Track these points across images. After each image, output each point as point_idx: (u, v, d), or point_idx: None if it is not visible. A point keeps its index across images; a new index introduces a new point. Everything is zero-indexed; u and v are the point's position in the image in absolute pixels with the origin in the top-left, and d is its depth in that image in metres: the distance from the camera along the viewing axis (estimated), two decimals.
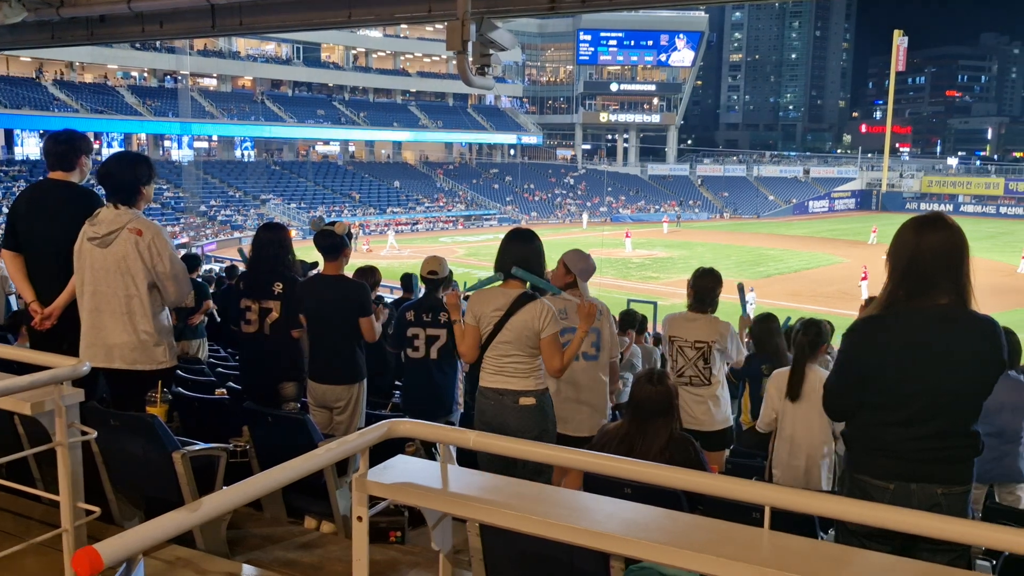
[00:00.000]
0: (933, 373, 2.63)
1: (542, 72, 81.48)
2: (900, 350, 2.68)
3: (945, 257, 2.65)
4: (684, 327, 5.23)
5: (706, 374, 5.18)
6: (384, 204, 57.71)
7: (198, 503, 1.85)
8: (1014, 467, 5.36)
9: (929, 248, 2.66)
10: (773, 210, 69.91)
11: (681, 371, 5.23)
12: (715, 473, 4.00)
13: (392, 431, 2.48)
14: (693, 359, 5.18)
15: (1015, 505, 5.39)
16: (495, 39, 8.97)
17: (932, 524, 1.80)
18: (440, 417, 5.54)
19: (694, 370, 5.18)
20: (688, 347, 5.19)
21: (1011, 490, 5.50)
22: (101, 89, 52.87)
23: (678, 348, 5.23)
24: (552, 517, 2.14)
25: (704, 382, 5.19)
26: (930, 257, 2.65)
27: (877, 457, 2.72)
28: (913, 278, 2.67)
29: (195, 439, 4.14)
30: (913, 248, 2.69)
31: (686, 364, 5.20)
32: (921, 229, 2.71)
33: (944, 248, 2.66)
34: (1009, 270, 36.76)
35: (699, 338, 5.16)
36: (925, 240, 2.68)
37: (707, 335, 5.16)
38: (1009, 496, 5.52)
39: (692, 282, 5.33)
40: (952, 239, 2.67)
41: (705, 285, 5.27)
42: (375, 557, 4.14)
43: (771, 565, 1.82)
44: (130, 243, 4.15)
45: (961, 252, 2.67)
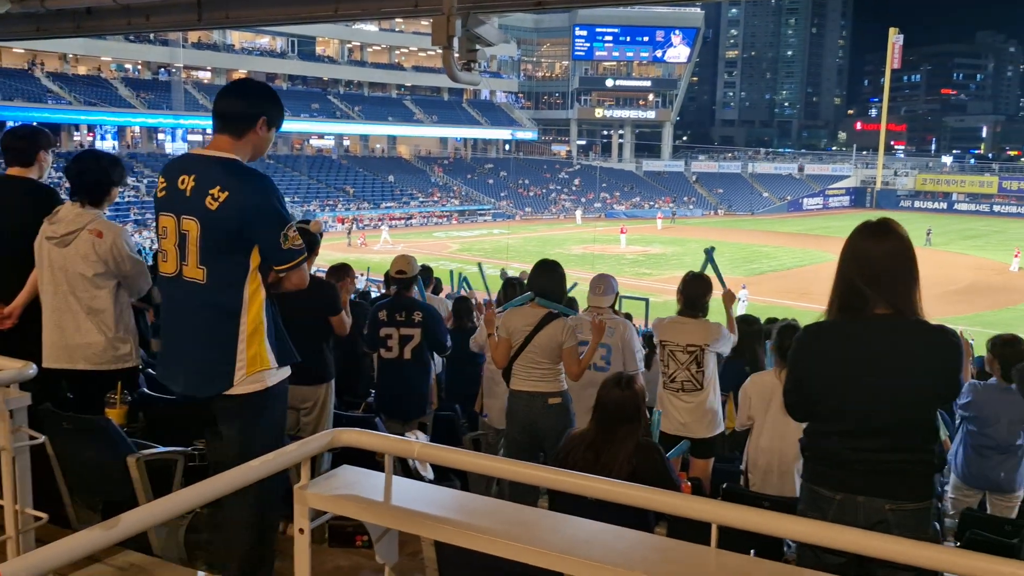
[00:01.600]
0: (869, 385, 2.56)
1: (537, 67, 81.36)
2: (835, 361, 2.63)
3: (882, 266, 2.57)
4: (675, 331, 5.17)
5: (699, 378, 5.10)
6: (378, 198, 57.57)
7: (116, 520, 1.78)
8: (1008, 478, 5.30)
9: (861, 257, 2.60)
10: (768, 207, 69.93)
11: (673, 376, 5.15)
12: (684, 479, 3.94)
13: (336, 440, 2.41)
14: (685, 363, 5.11)
15: (1007, 514, 5.32)
16: (481, 35, 8.88)
17: (864, 542, 1.73)
18: (413, 417, 5.48)
19: (686, 375, 5.11)
20: (680, 351, 5.12)
21: (1005, 500, 5.44)
22: (94, 81, 52.60)
23: (669, 352, 5.16)
24: (495, 533, 2.08)
25: (696, 387, 5.11)
26: (861, 266, 2.58)
27: (825, 467, 2.66)
28: (850, 287, 2.61)
29: (162, 441, 4.07)
30: (847, 257, 2.63)
31: (678, 368, 5.13)
32: (859, 237, 2.64)
33: (878, 257, 2.58)
34: (1001, 268, 36.83)
35: (691, 342, 5.10)
36: (857, 248, 2.62)
37: (699, 339, 5.09)
38: (1002, 504, 5.46)
39: (682, 287, 5.25)
40: (889, 247, 2.59)
41: (696, 291, 5.20)
42: (339, 563, 4.10)
43: None
44: (89, 244, 4.07)
45: (898, 260, 2.58)
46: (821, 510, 2.61)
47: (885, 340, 2.56)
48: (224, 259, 2.99)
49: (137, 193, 46.08)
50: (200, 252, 2.96)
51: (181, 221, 2.99)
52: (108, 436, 3.50)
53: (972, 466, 5.29)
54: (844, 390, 2.60)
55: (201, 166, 3.01)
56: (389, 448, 2.36)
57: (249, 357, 3.03)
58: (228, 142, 3.07)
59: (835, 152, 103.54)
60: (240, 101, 3.14)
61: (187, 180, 2.98)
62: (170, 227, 3.04)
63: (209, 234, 2.95)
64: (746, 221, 62.43)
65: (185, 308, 3.08)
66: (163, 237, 3.08)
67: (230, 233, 2.95)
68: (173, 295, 3.13)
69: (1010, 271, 36.19)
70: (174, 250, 3.03)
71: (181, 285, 3.04)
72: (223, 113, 3.10)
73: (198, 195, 2.94)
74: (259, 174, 3.07)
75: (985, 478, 5.32)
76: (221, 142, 3.08)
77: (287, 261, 3.05)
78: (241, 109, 3.10)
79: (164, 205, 3.07)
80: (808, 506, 2.68)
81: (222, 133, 3.09)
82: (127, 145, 54.53)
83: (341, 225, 48.65)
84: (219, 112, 3.10)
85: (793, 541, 3.05)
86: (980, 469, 5.25)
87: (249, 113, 3.10)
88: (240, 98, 3.15)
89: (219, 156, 3.03)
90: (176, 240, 3.02)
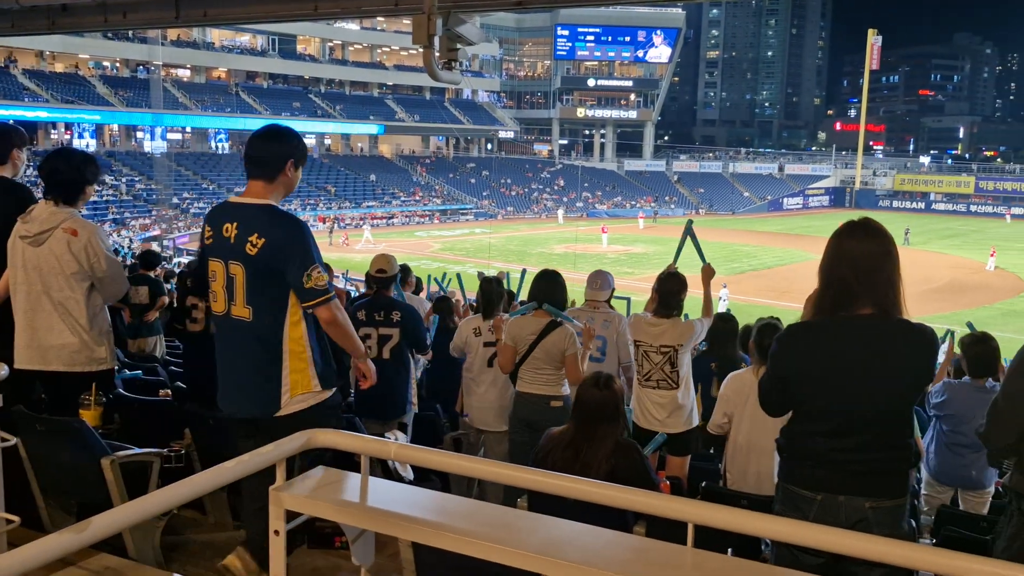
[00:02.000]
0: (854, 384, 2.57)
1: (519, 67, 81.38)
2: (819, 360, 2.63)
3: (866, 266, 2.58)
4: (649, 331, 5.15)
5: (673, 377, 5.11)
6: (360, 198, 57.37)
7: (86, 523, 1.75)
8: (980, 475, 5.36)
9: (847, 256, 2.60)
10: (748, 206, 70.33)
11: (648, 375, 5.16)
12: (662, 478, 3.95)
13: (312, 441, 2.39)
14: (659, 363, 5.11)
15: (979, 510, 5.38)
16: (462, 33, 8.86)
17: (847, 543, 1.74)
18: (393, 418, 5.44)
19: (661, 374, 5.12)
20: (654, 352, 5.12)
21: (977, 496, 5.50)
22: (72, 79, 52.04)
23: (643, 352, 5.16)
24: (471, 534, 2.07)
25: (671, 386, 5.12)
26: (848, 266, 2.59)
27: (805, 467, 2.66)
28: (835, 287, 2.61)
29: (137, 442, 4.02)
30: (833, 256, 2.63)
31: (652, 368, 5.13)
32: (841, 237, 2.65)
33: (863, 256, 2.58)
34: (978, 267, 37.23)
35: (665, 342, 5.09)
36: (843, 248, 2.62)
37: (673, 339, 5.09)
38: (974, 499, 5.52)
39: (657, 285, 5.24)
40: (873, 247, 2.60)
41: (670, 288, 5.18)
42: (317, 564, 4.07)
43: None
44: (63, 243, 4.03)
45: (883, 260, 2.59)
46: (800, 510, 2.62)
47: (871, 340, 2.57)
48: (266, 297, 3.33)
49: (116, 192, 45.62)
50: (246, 292, 3.32)
51: (228, 266, 3.34)
52: (82, 438, 3.46)
53: (945, 464, 5.34)
54: (830, 389, 2.61)
55: (241, 214, 3.35)
56: (365, 449, 2.34)
57: (292, 382, 3.38)
58: (262, 187, 3.40)
59: (815, 152, 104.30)
60: (268, 147, 3.42)
61: (230, 228, 3.32)
62: (219, 271, 3.37)
63: (252, 276, 3.30)
64: (727, 220, 62.74)
65: (236, 343, 3.42)
66: (213, 280, 3.40)
67: (269, 274, 3.30)
68: (224, 331, 3.47)
69: (986, 270, 36.59)
70: (223, 292, 3.38)
71: (231, 323, 3.39)
72: (255, 160, 3.40)
73: (240, 242, 3.28)
74: (291, 219, 3.43)
75: (957, 475, 5.38)
76: (256, 188, 3.40)
77: (310, 299, 3.31)
78: (270, 155, 3.40)
79: (212, 251, 3.39)
80: (785, 507, 2.68)
81: (256, 179, 3.40)
82: (105, 143, 53.99)
83: (323, 224, 48.44)
84: (251, 159, 3.40)
85: (770, 541, 3.07)
86: (953, 467, 5.31)
87: (278, 158, 3.40)
88: (268, 144, 3.43)
89: (256, 203, 3.38)
90: (224, 283, 3.36)
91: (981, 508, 5.41)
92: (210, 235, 3.40)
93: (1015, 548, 2.65)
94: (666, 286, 5.20)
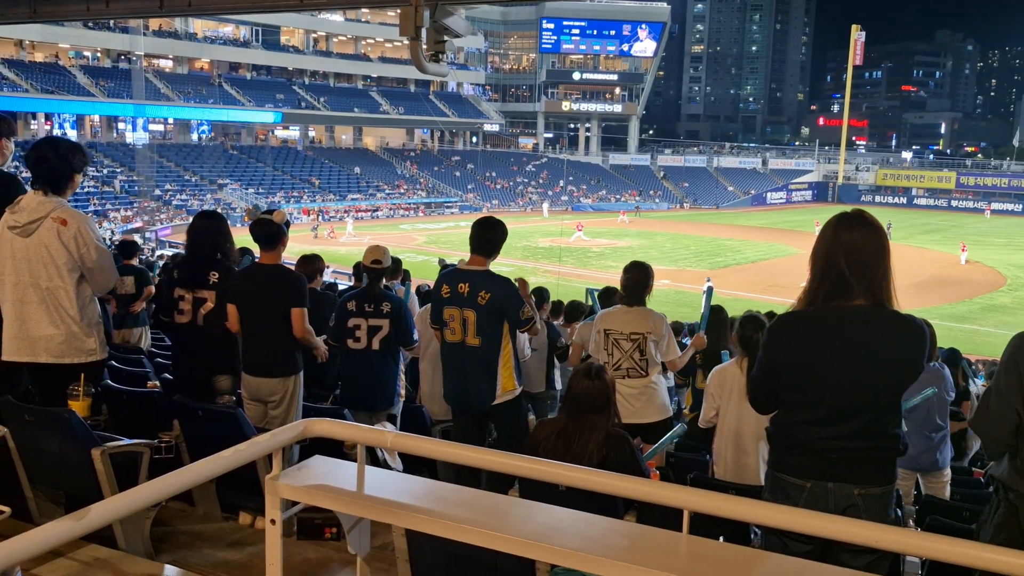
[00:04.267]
0: (846, 373, 2.60)
1: (505, 60, 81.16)
2: (813, 350, 2.66)
3: (861, 257, 2.61)
4: (618, 319, 5.27)
5: (642, 366, 5.22)
6: (344, 190, 57.11)
7: (85, 511, 1.75)
8: (939, 458, 5.51)
9: (844, 248, 2.62)
10: (732, 201, 70.59)
11: (618, 364, 5.24)
12: (652, 468, 3.97)
13: (308, 431, 2.40)
14: (629, 351, 5.22)
15: (940, 493, 5.51)
16: (449, 25, 8.84)
17: (839, 528, 1.76)
18: (381, 409, 5.44)
19: (630, 362, 5.22)
20: (624, 339, 5.23)
21: (936, 478, 5.63)
22: (52, 69, 51.44)
23: (614, 341, 5.26)
24: (467, 522, 2.08)
25: (641, 373, 5.23)
26: (844, 257, 2.61)
27: (795, 455, 2.69)
28: (829, 278, 2.64)
29: (125, 433, 4.00)
30: (829, 247, 2.66)
31: (622, 356, 5.24)
32: (838, 228, 2.67)
33: (859, 248, 2.61)
34: (953, 261, 37.59)
35: (634, 330, 5.21)
36: (841, 239, 2.64)
37: (641, 326, 5.20)
38: (935, 484, 5.64)
39: (623, 277, 5.37)
40: (869, 239, 2.62)
41: (636, 279, 5.31)
42: (308, 555, 4.07)
43: (682, 572, 1.77)
44: (53, 233, 3.99)
45: (877, 252, 2.62)
46: (790, 498, 2.65)
47: (864, 330, 2.60)
48: (490, 331, 4.77)
49: (97, 184, 45.19)
50: (476, 328, 4.75)
51: (463, 311, 4.77)
52: (71, 429, 3.44)
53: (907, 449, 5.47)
54: (822, 379, 2.64)
55: (471, 277, 4.81)
56: (361, 438, 2.35)
57: (502, 384, 4.84)
58: (483, 260, 4.88)
59: (798, 147, 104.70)
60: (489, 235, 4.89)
61: (464, 287, 4.78)
62: (456, 315, 4.80)
63: (482, 319, 4.73)
64: (711, 215, 62.98)
65: (469, 361, 4.82)
66: (451, 320, 4.82)
67: (493, 317, 4.74)
68: (459, 354, 4.84)
69: (960, 264, 36.94)
70: (460, 327, 4.80)
71: (465, 348, 4.81)
72: (481, 245, 4.87)
73: (472, 295, 4.75)
74: (505, 279, 4.84)
75: (917, 460, 5.51)
76: (478, 260, 4.88)
77: (524, 326, 4.87)
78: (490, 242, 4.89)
79: (450, 302, 4.82)
80: (775, 495, 2.71)
81: (478, 254, 4.88)
82: (86, 134, 53.43)
83: (307, 217, 48.21)
84: (477, 243, 4.88)
85: (759, 528, 3.10)
86: (915, 451, 5.41)
87: (496, 244, 4.93)
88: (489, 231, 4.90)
89: (480, 270, 4.85)
90: (461, 322, 4.78)
91: (943, 491, 5.57)
92: (448, 291, 4.81)
93: (1001, 538, 2.69)
94: (632, 277, 5.32)
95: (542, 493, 2.81)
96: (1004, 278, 34.47)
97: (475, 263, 4.90)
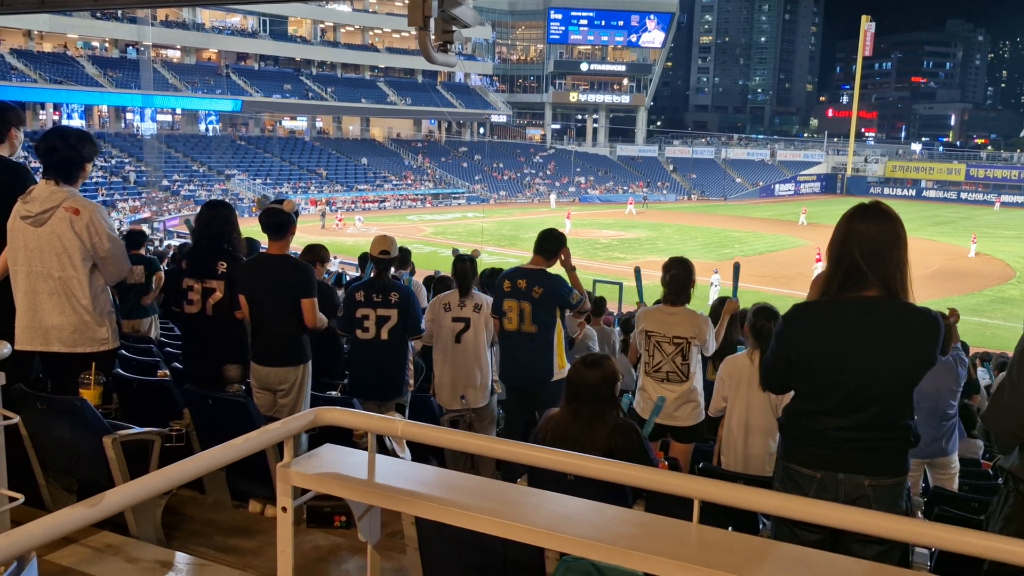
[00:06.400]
0: (859, 364, 2.60)
1: (512, 50, 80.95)
2: (826, 339, 2.66)
3: (876, 248, 2.61)
4: (662, 321, 5.09)
5: (684, 370, 5.06)
6: (351, 181, 57.12)
7: (99, 497, 1.77)
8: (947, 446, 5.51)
9: (858, 238, 2.62)
10: (740, 192, 70.36)
11: (658, 367, 5.10)
12: (661, 458, 3.97)
13: (319, 419, 2.41)
14: (671, 355, 5.05)
15: (948, 484, 5.50)
16: (458, 15, 8.80)
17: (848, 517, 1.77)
18: (390, 399, 5.46)
19: (671, 366, 5.06)
20: (666, 342, 5.05)
21: (944, 469, 5.62)
22: (60, 59, 51.52)
23: (655, 343, 5.09)
24: (478, 510, 2.09)
25: (681, 378, 5.07)
26: (858, 247, 2.61)
27: (806, 445, 2.70)
28: (844, 268, 2.64)
29: (135, 422, 4.03)
30: (844, 238, 2.66)
31: (663, 359, 5.07)
32: (853, 219, 2.67)
33: (874, 239, 2.61)
34: (962, 253, 37.43)
35: (678, 333, 5.03)
36: (855, 230, 2.64)
37: (686, 330, 5.03)
38: (943, 476, 5.63)
39: (666, 274, 5.13)
40: (883, 229, 2.62)
41: (681, 276, 5.10)
42: (318, 543, 4.09)
43: (693, 560, 1.78)
44: (66, 222, 4.01)
45: (892, 243, 2.62)
46: (800, 488, 2.65)
47: (878, 321, 2.61)
48: (545, 319, 5.40)
49: (105, 174, 45.31)
50: (532, 317, 5.39)
51: (520, 303, 5.41)
52: (84, 417, 3.46)
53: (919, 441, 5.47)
54: (834, 369, 2.64)
55: (528, 275, 5.46)
56: (372, 427, 2.36)
57: (558, 363, 5.45)
58: (541, 261, 5.51)
59: (806, 139, 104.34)
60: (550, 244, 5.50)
61: (522, 282, 5.43)
62: (514, 306, 5.44)
63: (536, 309, 5.37)
64: (719, 206, 62.79)
65: (526, 345, 5.43)
66: (510, 311, 5.45)
67: (547, 306, 5.38)
68: (518, 340, 5.45)
69: (969, 257, 36.78)
70: (517, 317, 5.43)
71: (523, 335, 5.43)
72: (542, 249, 5.50)
73: (528, 290, 5.39)
74: (557, 276, 5.44)
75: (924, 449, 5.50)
76: (538, 261, 5.52)
77: (576, 308, 5.61)
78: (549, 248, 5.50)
79: (510, 295, 5.46)
80: (785, 485, 2.72)
81: (539, 256, 5.51)
82: (95, 124, 53.54)
83: (314, 208, 48.25)
84: (539, 248, 5.51)
85: (767, 519, 3.10)
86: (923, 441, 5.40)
87: (557, 247, 5.51)
88: (550, 241, 5.52)
89: (536, 269, 5.49)
90: (518, 313, 5.42)
91: (951, 484, 5.55)
92: (509, 286, 5.46)
93: (1011, 529, 2.68)
94: (676, 274, 5.10)
95: (550, 483, 2.82)
96: (1013, 271, 34.31)
97: (535, 263, 5.56)
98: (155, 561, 3.25)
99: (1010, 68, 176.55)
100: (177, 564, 3.30)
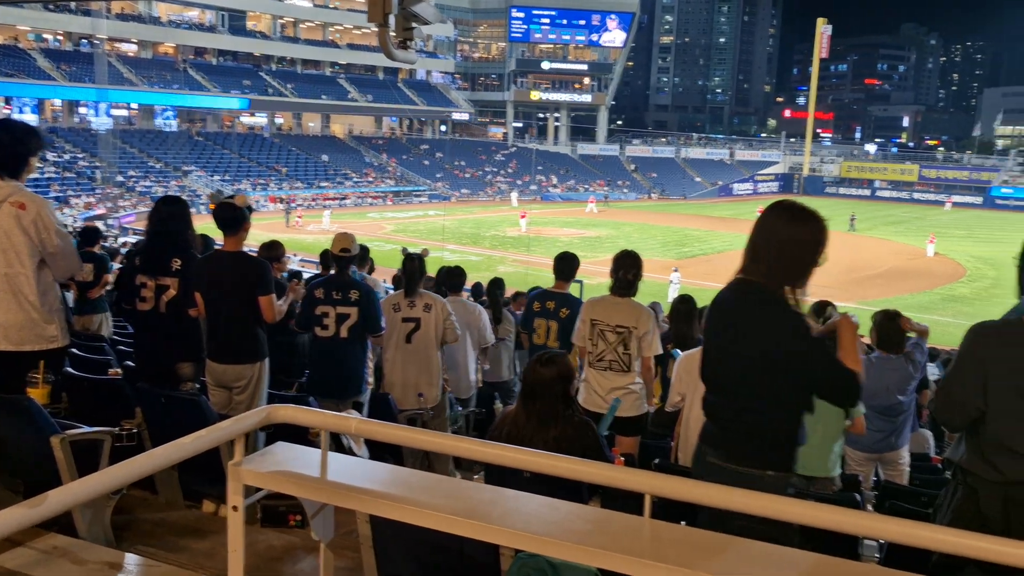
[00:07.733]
0: (722, 351, 2.75)
1: (474, 48, 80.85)
2: (710, 327, 2.88)
3: (766, 239, 2.72)
4: (607, 310, 5.16)
5: (626, 360, 5.12)
6: (312, 178, 56.57)
7: (42, 497, 1.72)
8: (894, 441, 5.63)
9: (768, 230, 2.73)
10: (699, 191, 71.10)
11: (601, 355, 5.17)
12: (617, 455, 4.00)
13: (271, 416, 2.38)
14: (614, 344, 5.12)
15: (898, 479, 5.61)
16: (418, 12, 8.77)
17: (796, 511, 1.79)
18: (349, 397, 5.42)
19: (614, 355, 5.13)
20: (609, 331, 5.12)
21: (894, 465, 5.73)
22: (11, 51, 50.25)
23: (599, 332, 5.16)
24: (432, 507, 2.08)
25: (624, 368, 5.14)
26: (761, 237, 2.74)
27: (706, 429, 2.83)
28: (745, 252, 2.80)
29: (86, 421, 3.94)
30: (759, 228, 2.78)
31: (606, 348, 5.14)
32: (773, 215, 2.77)
33: (776, 234, 2.70)
34: (919, 253, 38.19)
35: (621, 322, 5.11)
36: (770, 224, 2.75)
37: (629, 320, 5.11)
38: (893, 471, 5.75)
39: (614, 266, 5.24)
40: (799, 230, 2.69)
41: (629, 269, 5.19)
42: (272, 542, 4.05)
43: (645, 555, 1.79)
44: (12, 217, 3.90)
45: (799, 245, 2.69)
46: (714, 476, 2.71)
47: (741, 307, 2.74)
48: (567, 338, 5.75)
49: (58, 170, 44.31)
50: (558, 334, 6.17)
51: (549, 322, 6.29)
52: (31, 416, 3.38)
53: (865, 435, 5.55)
54: (713, 351, 2.83)
55: (556, 297, 6.38)
56: (325, 424, 2.34)
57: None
58: (563, 284, 6.41)
59: (764, 139, 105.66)
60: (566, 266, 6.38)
61: (551, 304, 6.34)
62: (543, 324, 6.34)
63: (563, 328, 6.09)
64: (679, 205, 63.36)
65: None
66: (539, 328, 6.36)
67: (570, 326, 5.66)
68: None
69: (926, 256, 37.55)
70: (545, 334, 6.28)
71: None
72: (561, 272, 6.40)
73: (556, 311, 6.29)
74: (577, 299, 6.31)
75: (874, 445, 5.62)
76: (560, 284, 6.43)
77: None
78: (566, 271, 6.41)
79: (540, 315, 6.38)
80: (699, 470, 2.83)
81: (560, 279, 6.44)
82: (47, 119, 52.33)
83: (273, 205, 47.68)
84: (559, 271, 6.41)
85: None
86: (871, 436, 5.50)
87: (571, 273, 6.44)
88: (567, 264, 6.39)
89: (562, 292, 6.42)
90: (546, 330, 6.29)
91: (901, 479, 5.68)
92: (538, 306, 6.38)
93: (960, 521, 2.73)
94: (623, 265, 5.21)
95: (506, 480, 2.82)
96: (964, 269, 35.09)
97: (558, 287, 6.44)
98: (103, 563, 3.17)
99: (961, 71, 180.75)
100: (126, 565, 3.23)
